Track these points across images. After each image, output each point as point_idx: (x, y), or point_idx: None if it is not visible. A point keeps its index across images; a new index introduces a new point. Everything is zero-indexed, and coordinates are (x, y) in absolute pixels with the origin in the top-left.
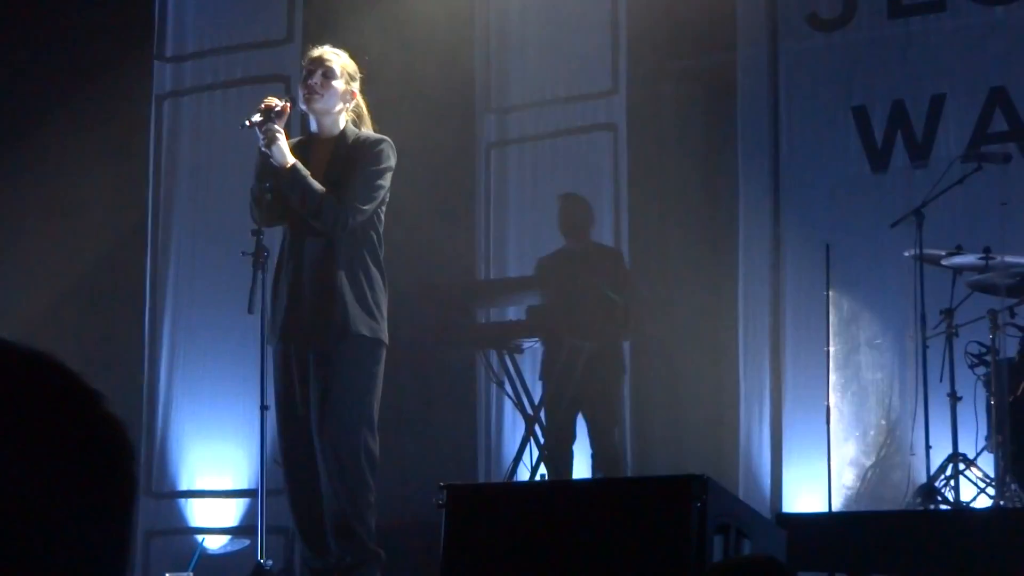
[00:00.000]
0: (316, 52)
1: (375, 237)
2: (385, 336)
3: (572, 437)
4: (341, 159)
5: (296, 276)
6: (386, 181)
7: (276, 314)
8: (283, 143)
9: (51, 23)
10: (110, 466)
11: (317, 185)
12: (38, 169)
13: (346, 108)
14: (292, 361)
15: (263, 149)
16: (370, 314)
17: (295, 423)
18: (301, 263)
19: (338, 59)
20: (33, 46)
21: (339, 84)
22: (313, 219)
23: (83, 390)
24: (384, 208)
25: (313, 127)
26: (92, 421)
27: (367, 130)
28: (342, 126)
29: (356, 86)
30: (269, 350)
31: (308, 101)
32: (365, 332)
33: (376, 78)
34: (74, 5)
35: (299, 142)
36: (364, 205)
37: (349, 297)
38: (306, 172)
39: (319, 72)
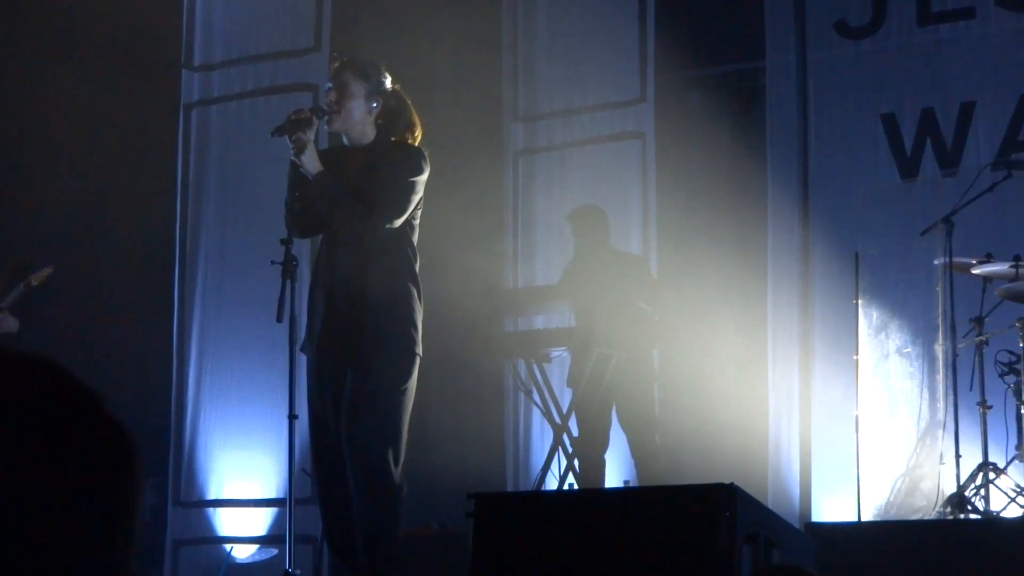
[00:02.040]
0: (332, 68)
1: (410, 248)
2: (419, 348)
3: (605, 445)
4: (372, 168)
5: (331, 286)
6: (418, 191)
7: (312, 324)
8: (312, 151)
9: (80, 32)
10: (111, 466)
11: (345, 194)
12: (66, 178)
13: (372, 115)
14: (326, 371)
15: (293, 158)
16: (404, 326)
17: (327, 433)
18: (335, 274)
19: (353, 70)
20: (61, 55)
21: (357, 97)
22: (341, 228)
23: (83, 393)
24: (418, 220)
25: (344, 138)
26: (92, 423)
27: (409, 131)
28: (372, 135)
29: (385, 89)
30: (298, 359)
31: (328, 122)
32: (398, 344)
33: (402, 87)
34: (102, 15)
35: (332, 150)
36: (394, 214)
37: (383, 308)
38: (334, 180)
39: (333, 90)
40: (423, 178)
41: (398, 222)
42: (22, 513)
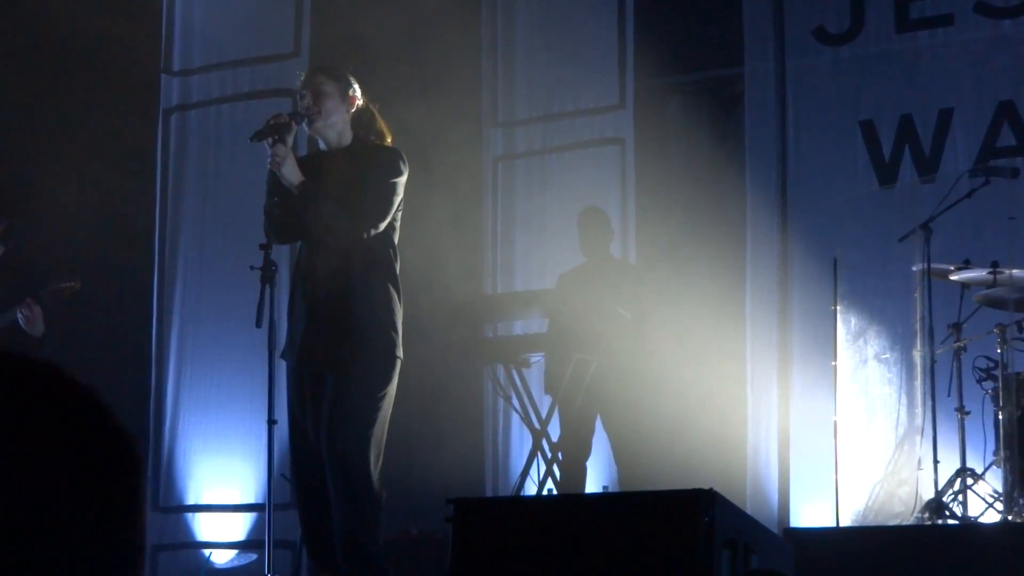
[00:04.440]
0: (303, 78)
1: (390, 251)
2: (400, 351)
3: (587, 452)
4: (351, 172)
5: (311, 292)
6: (398, 192)
7: (294, 331)
8: (292, 163)
9: (59, 38)
10: (117, 478)
11: (329, 202)
12: (45, 183)
13: (349, 117)
14: (306, 377)
15: (272, 169)
16: (384, 329)
17: (307, 439)
18: (316, 279)
19: (325, 72)
20: (41, 60)
21: (333, 97)
22: (325, 235)
23: (93, 403)
24: (398, 221)
25: (321, 144)
26: (101, 433)
27: (379, 140)
28: (350, 138)
29: (355, 93)
30: (278, 364)
31: (308, 124)
32: (380, 348)
33: (383, 92)
34: (82, 20)
35: (311, 156)
36: (376, 218)
37: (364, 313)
38: (316, 189)
39: (309, 94)
40: (403, 179)
41: (382, 225)
42: (25, 521)
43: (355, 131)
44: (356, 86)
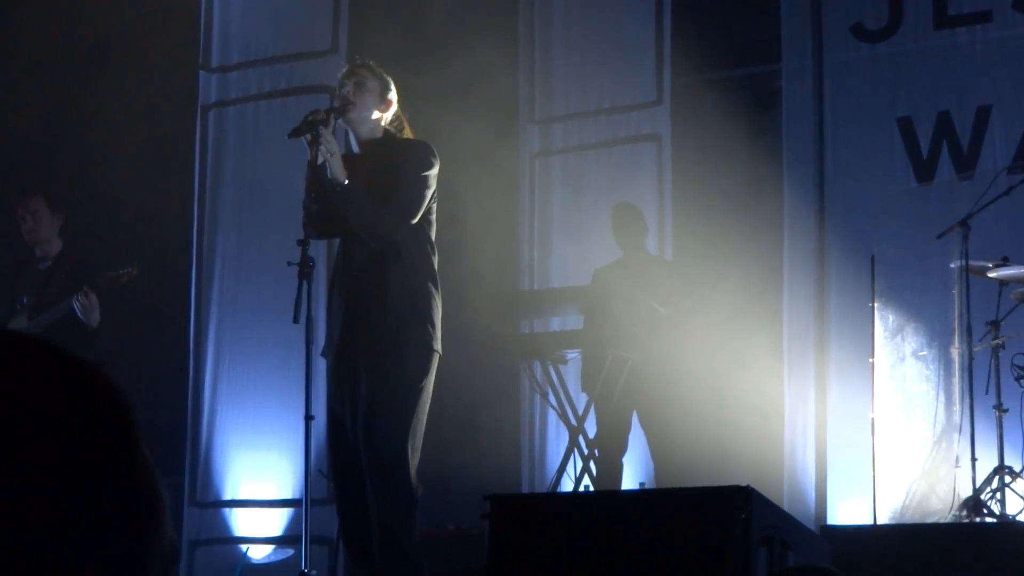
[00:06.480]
0: (346, 67)
1: (428, 244)
2: (438, 345)
3: (623, 449)
4: (382, 165)
5: (349, 288)
6: (429, 185)
7: (332, 327)
8: (339, 160)
9: (97, 34)
10: (110, 440)
11: (370, 200)
12: (83, 180)
13: (383, 116)
14: (344, 373)
15: (313, 160)
16: (422, 324)
17: (345, 435)
18: (353, 274)
19: (369, 70)
20: (78, 57)
21: (372, 92)
22: (366, 234)
23: (70, 362)
24: (434, 215)
25: (353, 142)
26: (83, 388)
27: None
28: (381, 134)
29: (392, 96)
30: (315, 360)
31: (343, 111)
32: (416, 343)
33: (419, 89)
34: (120, 16)
35: (344, 156)
36: (410, 212)
37: (401, 307)
38: (359, 187)
39: (351, 83)
40: (434, 172)
41: (415, 219)
42: (14, 489)
43: (385, 129)
44: (394, 90)
